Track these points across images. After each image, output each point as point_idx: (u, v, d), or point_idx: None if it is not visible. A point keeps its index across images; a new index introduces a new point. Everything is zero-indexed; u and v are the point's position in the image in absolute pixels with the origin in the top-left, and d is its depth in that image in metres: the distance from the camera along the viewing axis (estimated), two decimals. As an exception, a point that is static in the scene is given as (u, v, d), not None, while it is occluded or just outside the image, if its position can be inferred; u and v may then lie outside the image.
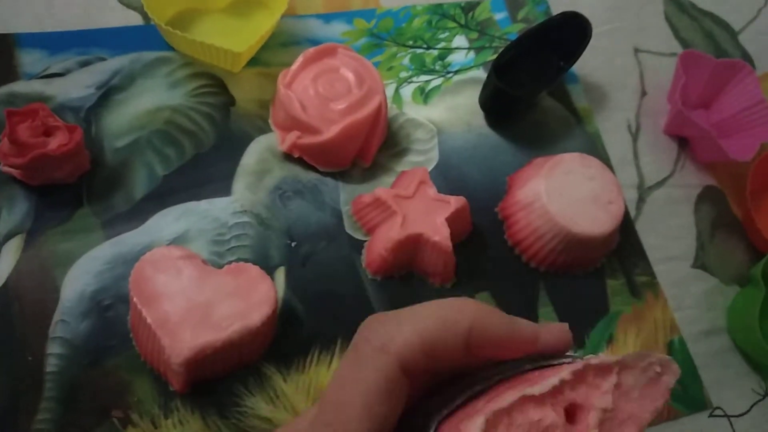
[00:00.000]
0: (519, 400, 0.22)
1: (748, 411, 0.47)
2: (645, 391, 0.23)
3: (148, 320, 0.37)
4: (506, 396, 0.22)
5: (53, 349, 0.39)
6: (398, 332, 0.22)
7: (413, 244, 0.44)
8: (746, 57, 0.63)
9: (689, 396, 0.46)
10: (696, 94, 0.58)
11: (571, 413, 0.22)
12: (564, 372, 0.22)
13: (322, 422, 0.22)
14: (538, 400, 0.22)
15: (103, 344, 0.40)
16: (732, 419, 0.46)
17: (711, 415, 0.46)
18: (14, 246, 0.42)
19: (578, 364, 0.22)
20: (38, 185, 0.43)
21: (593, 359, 0.22)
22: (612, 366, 0.23)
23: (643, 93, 0.59)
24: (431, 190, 0.45)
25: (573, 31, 0.54)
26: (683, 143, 0.57)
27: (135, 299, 0.38)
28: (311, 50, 0.48)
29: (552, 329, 0.24)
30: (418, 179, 0.46)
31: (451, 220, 0.44)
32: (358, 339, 0.22)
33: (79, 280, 0.41)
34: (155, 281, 0.38)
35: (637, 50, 0.61)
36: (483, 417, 0.21)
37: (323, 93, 0.47)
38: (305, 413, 0.26)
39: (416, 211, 0.44)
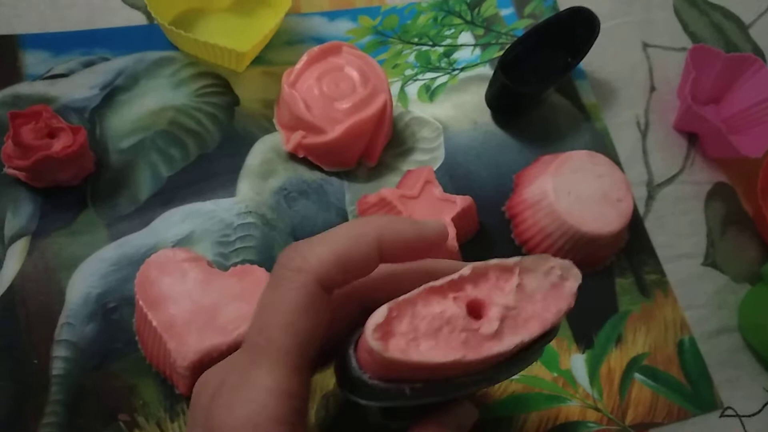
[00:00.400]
0: (423, 294, 0.23)
1: (760, 411, 0.46)
2: (549, 295, 0.24)
3: (154, 323, 0.37)
4: (414, 290, 0.23)
5: (59, 352, 0.39)
6: (311, 252, 0.23)
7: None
8: (757, 51, 0.62)
9: (700, 396, 0.46)
10: (706, 89, 0.57)
11: (476, 310, 0.23)
12: (465, 268, 0.24)
13: (250, 345, 0.23)
14: (442, 294, 0.23)
15: (109, 347, 0.40)
16: (743, 419, 0.46)
17: (722, 416, 0.46)
18: (20, 248, 0.42)
19: (480, 263, 0.24)
20: (43, 187, 0.43)
21: (494, 261, 0.24)
22: (512, 267, 0.24)
23: (652, 88, 0.58)
24: (437, 190, 0.45)
25: (580, 27, 0.53)
26: (693, 139, 0.56)
27: (140, 302, 0.38)
28: (315, 49, 0.48)
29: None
30: (424, 179, 0.45)
31: (457, 220, 0.44)
32: (276, 266, 0.24)
33: (84, 283, 0.41)
34: (160, 284, 0.38)
35: (645, 45, 0.60)
36: (386, 306, 0.22)
37: (328, 92, 0.47)
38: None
39: (422, 212, 0.44)
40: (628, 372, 0.45)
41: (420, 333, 0.22)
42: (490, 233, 0.49)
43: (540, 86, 0.51)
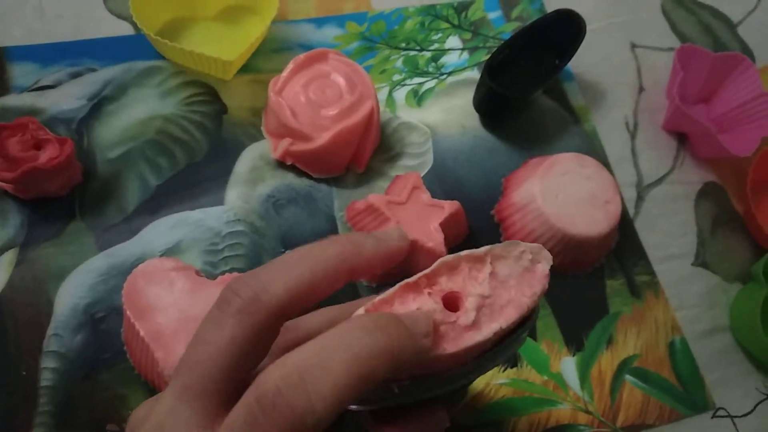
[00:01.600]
0: (399, 291, 0.23)
1: (753, 411, 0.46)
2: (522, 279, 0.24)
3: (141, 333, 0.37)
4: (390, 289, 0.23)
5: (47, 363, 0.39)
6: (272, 281, 0.21)
7: (407, 252, 0.44)
8: (746, 49, 0.62)
9: (691, 397, 0.46)
10: (695, 89, 0.57)
11: (453, 302, 0.24)
12: (436, 263, 0.24)
13: (180, 383, 0.21)
14: (417, 290, 0.23)
15: (97, 357, 0.40)
16: (736, 420, 0.46)
17: (714, 416, 0.46)
18: (7, 260, 0.42)
19: (450, 256, 0.24)
20: (30, 199, 0.43)
21: (464, 252, 0.24)
22: (484, 256, 0.24)
23: (641, 89, 0.58)
24: (425, 196, 0.45)
25: (567, 29, 0.53)
26: (682, 139, 0.56)
27: (128, 312, 0.38)
28: (301, 56, 0.48)
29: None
30: (411, 185, 0.45)
31: (446, 225, 0.44)
32: (227, 292, 0.22)
33: (72, 293, 0.41)
34: (148, 294, 0.38)
35: (634, 45, 0.60)
36: (363, 308, 0.23)
37: (314, 99, 0.47)
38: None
39: (410, 217, 0.44)
40: (619, 374, 0.45)
41: None
42: (480, 237, 0.49)
43: (527, 89, 0.51)
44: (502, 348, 0.25)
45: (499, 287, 0.24)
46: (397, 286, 0.23)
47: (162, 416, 0.21)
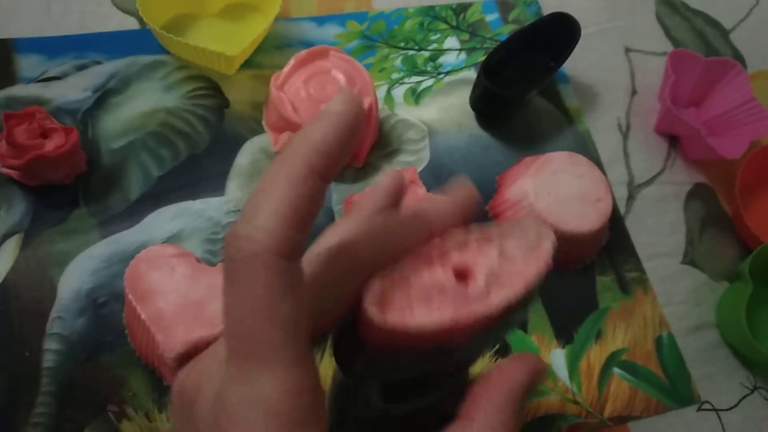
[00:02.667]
0: (413, 263, 0.24)
1: (737, 405, 0.47)
2: (527, 256, 0.26)
3: (143, 316, 0.38)
4: (403, 261, 0.24)
5: (50, 345, 0.40)
6: (255, 228, 0.19)
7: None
8: (737, 56, 0.64)
9: (678, 391, 0.47)
10: (686, 92, 0.59)
11: (463, 274, 0.25)
12: (447, 236, 0.25)
13: (235, 354, 0.20)
14: (429, 262, 0.24)
15: (99, 340, 0.41)
16: (720, 413, 0.47)
17: (699, 409, 0.47)
18: (12, 245, 0.43)
19: (460, 233, 0.25)
20: (36, 186, 0.44)
21: (474, 231, 0.25)
22: (492, 234, 0.26)
23: (634, 92, 0.59)
24: (421, 190, 0.46)
25: (563, 32, 0.54)
26: (674, 141, 0.58)
27: (130, 296, 0.39)
28: (303, 53, 0.49)
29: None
30: (408, 179, 0.46)
31: (440, 218, 0.45)
32: (226, 261, 0.20)
33: (75, 278, 0.42)
34: (149, 278, 0.39)
35: (628, 50, 0.62)
36: (378, 278, 0.23)
37: (314, 95, 0.48)
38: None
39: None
40: (607, 367, 0.46)
41: (413, 300, 0.24)
42: (474, 232, 0.50)
43: (522, 90, 0.53)
44: (504, 324, 0.26)
45: (507, 263, 0.25)
46: (410, 258, 0.24)
47: (235, 392, 0.20)
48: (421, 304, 0.24)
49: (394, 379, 0.25)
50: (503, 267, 0.25)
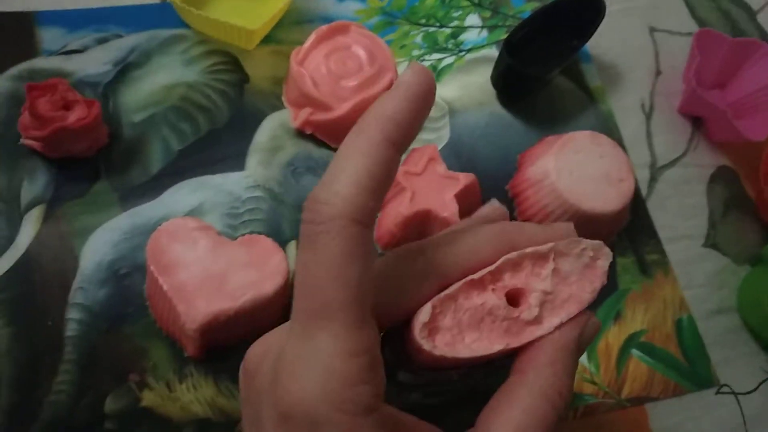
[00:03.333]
0: (463, 287, 0.24)
1: (756, 389, 0.47)
2: (583, 275, 0.25)
3: (165, 288, 0.38)
4: (454, 285, 0.24)
5: (72, 314, 0.40)
6: (334, 194, 0.21)
7: (422, 220, 0.45)
8: (764, 37, 0.62)
9: (696, 373, 0.46)
10: (712, 73, 0.58)
11: (516, 298, 0.24)
12: (500, 260, 0.24)
13: (301, 313, 0.21)
14: (481, 287, 0.24)
15: (121, 311, 0.41)
16: (739, 396, 0.47)
17: (718, 392, 0.46)
18: (35, 216, 0.43)
19: (514, 253, 0.24)
20: (58, 158, 0.44)
21: (529, 249, 0.25)
22: (547, 254, 0.25)
23: (658, 72, 0.58)
24: (440, 167, 0.46)
25: (587, 10, 0.53)
26: (697, 123, 0.57)
27: (152, 267, 0.39)
28: (323, 28, 0.49)
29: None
30: (428, 156, 0.46)
31: (460, 197, 0.45)
32: (304, 224, 0.21)
33: (97, 250, 0.42)
34: (171, 250, 0.40)
35: (652, 29, 0.60)
36: (430, 304, 0.23)
37: (335, 70, 0.48)
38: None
39: (425, 188, 0.45)
40: (626, 348, 0.46)
41: (464, 326, 0.24)
42: (493, 211, 0.49)
43: (545, 68, 0.52)
44: None
45: (561, 283, 0.25)
46: (462, 282, 0.24)
47: (299, 349, 0.21)
48: (471, 330, 0.23)
49: (436, 391, 0.25)
50: (557, 288, 0.25)
